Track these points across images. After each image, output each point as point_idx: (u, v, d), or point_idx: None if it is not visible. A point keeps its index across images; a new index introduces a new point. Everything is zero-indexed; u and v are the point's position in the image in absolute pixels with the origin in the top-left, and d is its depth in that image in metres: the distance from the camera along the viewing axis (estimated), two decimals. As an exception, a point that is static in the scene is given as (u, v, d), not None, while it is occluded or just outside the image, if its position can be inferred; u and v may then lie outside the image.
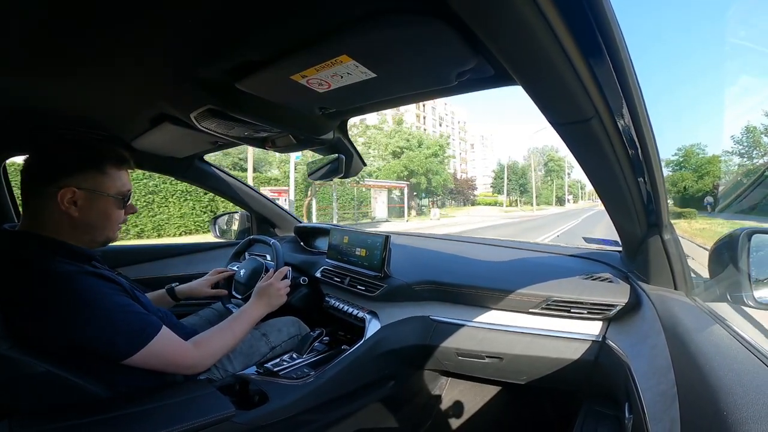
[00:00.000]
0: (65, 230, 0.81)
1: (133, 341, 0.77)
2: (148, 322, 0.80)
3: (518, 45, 0.47)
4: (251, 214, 2.01)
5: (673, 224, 0.92)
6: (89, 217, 0.82)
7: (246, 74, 0.72)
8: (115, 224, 0.89)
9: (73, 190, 0.79)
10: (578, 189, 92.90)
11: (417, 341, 1.23)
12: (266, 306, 1.12)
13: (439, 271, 1.28)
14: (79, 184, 0.80)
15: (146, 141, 1.24)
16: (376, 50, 0.61)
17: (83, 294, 0.74)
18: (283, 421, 0.97)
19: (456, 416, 1.52)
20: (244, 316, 1.05)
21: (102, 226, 0.85)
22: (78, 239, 0.83)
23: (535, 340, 1.09)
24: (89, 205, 0.82)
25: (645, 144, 0.68)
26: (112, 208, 0.86)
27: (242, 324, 1.03)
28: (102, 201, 0.83)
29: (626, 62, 0.52)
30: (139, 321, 0.79)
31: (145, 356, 0.78)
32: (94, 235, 0.86)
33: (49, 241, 0.80)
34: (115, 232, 0.90)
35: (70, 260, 0.79)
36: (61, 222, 0.80)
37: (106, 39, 0.63)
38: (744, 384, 0.47)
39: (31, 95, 0.90)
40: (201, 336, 0.93)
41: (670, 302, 0.84)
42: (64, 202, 0.78)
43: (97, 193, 0.82)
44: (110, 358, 0.76)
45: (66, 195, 0.78)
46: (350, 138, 1.23)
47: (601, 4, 0.43)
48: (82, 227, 0.83)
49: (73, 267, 0.77)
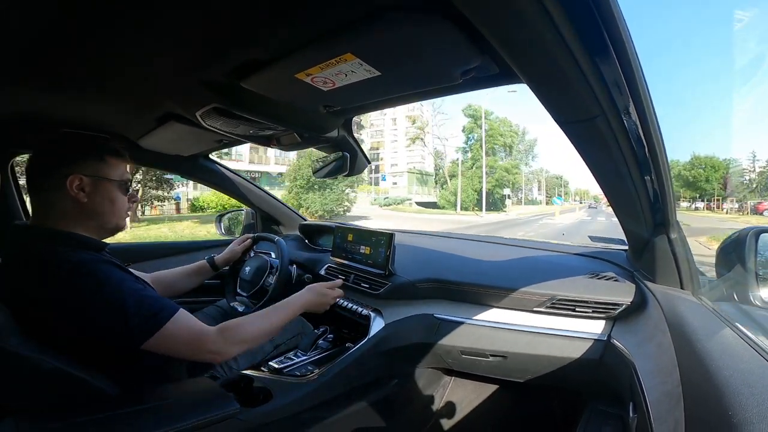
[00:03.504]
0: (76, 219, 0.83)
1: (149, 323, 0.77)
2: (164, 305, 0.81)
3: (523, 44, 0.47)
4: (256, 211, 2.02)
5: (679, 223, 0.92)
6: (96, 203, 0.84)
7: (251, 73, 0.73)
8: (122, 210, 0.90)
9: (80, 177, 0.81)
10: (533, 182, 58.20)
11: (421, 339, 1.23)
12: (309, 303, 1.07)
13: (443, 270, 1.28)
14: (83, 171, 0.82)
15: (152, 140, 1.26)
16: (380, 49, 0.61)
17: (97, 280, 0.76)
18: (286, 418, 0.97)
19: (459, 415, 1.52)
20: (284, 305, 1.02)
21: (110, 212, 0.88)
22: (88, 227, 0.85)
23: (539, 339, 1.08)
24: (96, 190, 0.84)
25: (652, 142, 0.67)
26: (117, 193, 0.88)
27: (280, 313, 0.99)
28: (107, 186, 0.86)
29: (633, 60, 0.51)
30: (154, 304, 0.80)
31: (163, 339, 0.78)
32: (103, 222, 0.87)
33: (60, 233, 0.81)
34: (123, 219, 0.92)
35: (81, 250, 0.81)
36: (71, 211, 0.82)
37: (113, 41, 0.64)
38: (750, 384, 0.46)
39: (40, 99, 0.91)
40: (230, 321, 0.91)
41: (677, 301, 0.84)
42: (72, 188, 0.80)
43: (101, 179, 0.85)
44: (128, 342, 0.77)
45: (74, 181, 0.81)
46: (354, 136, 1.23)
47: (608, 2, 0.43)
48: (91, 214, 0.85)
49: (88, 255, 0.79)
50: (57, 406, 0.73)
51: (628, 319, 1.00)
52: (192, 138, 1.26)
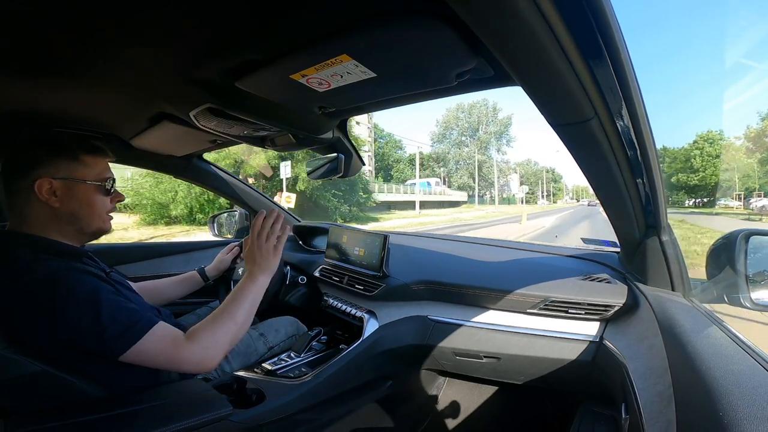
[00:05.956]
0: (51, 224, 0.80)
1: (124, 337, 0.73)
2: (139, 318, 0.76)
3: (518, 46, 0.47)
4: (250, 212, 2.01)
5: (671, 225, 0.93)
6: (71, 207, 0.80)
7: (246, 73, 0.72)
8: (102, 213, 0.86)
9: (49, 181, 0.77)
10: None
11: (415, 341, 1.23)
12: (260, 273, 0.91)
13: (437, 271, 1.28)
14: (53, 174, 0.78)
15: (145, 139, 1.24)
16: (376, 50, 0.61)
17: (70, 291, 0.72)
18: (280, 420, 0.97)
19: (453, 416, 1.52)
20: (239, 295, 0.88)
21: (88, 215, 0.83)
22: (65, 233, 0.81)
23: (532, 341, 1.09)
24: (69, 194, 0.80)
25: (644, 145, 0.68)
26: (95, 195, 0.83)
27: (240, 306, 0.86)
28: (81, 189, 0.81)
29: (626, 63, 0.52)
30: (129, 317, 0.75)
31: (139, 353, 0.74)
32: (81, 226, 0.83)
33: (36, 239, 0.78)
34: (105, 222, 0.87)
35: (57, 257, 0.77)
36: (45, 216, 0.79)
37: (105, 39, 0.63)
38: (740, 385, 0.47)
39: (29, 97, 0.89)
40: (195, 327, 0.83)
41: (668, 303, 0.85)
42: (42, 193, 0.77)
43: (74, 181, 0.80)
44: (103, 355, 0.73)
45: (43, 186, 0.77)
46: (349, 137, 1.22)
47: (602, 6, 0.43)
48: (67, 218, 0.81)
49: (61, 264, 0.75)
50: (44, 408, 0.72)
51: (620, 320, 1.00)
52: (185, 138, 1.25)
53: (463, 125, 40.73)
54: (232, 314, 0.85)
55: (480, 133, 40.01)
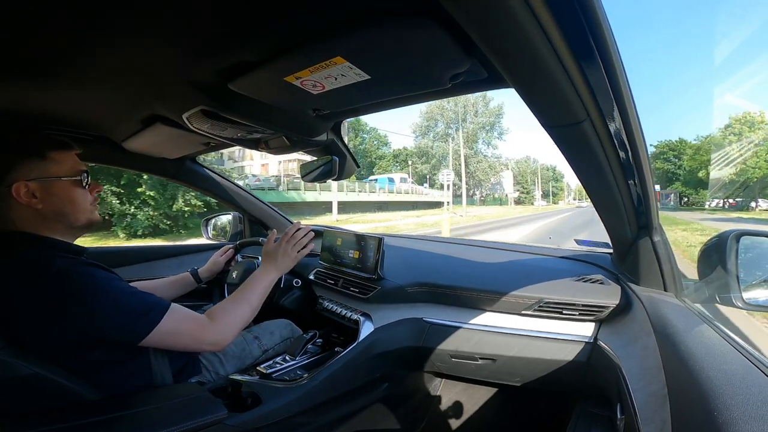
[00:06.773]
0: (41, 225, 0.80)
1: (143, 321, 0.77)
2: (155, 302, 0.80)
3: (511, 48, 0.47)
4: (243, 215, 2.00)
5: (662, 226, 0.93)
6: (55, 205, 0.81)
7: (239, 75, 0.72)
8: (85, 205, 0.86)
9: (25, 184, 0.77)
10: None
11: (410, 343, 1.23)
12: (275, 270, 1.06)
13: (432, 273, 1.28)
14: (26, 176, 0.77)
15: (137, 142, 1.23)
16: (370, 52, 0.61)
17: (85, 284, 0.74)
18: (275, 423, 0.96)
19: (450, 418, 1.52)
20: (254, 283, 1.00)
21: (73, 211, 0.84)
22: (58, 230, 0.82)
23: (527, 342, 1.09)
24: (48, 193, 0.80)
25: (635, 146, 0.69)
26: (73, 190, 0.84)
27: (255, 292, 0.99)
28: (58, 186, 0.81)
29: (617, 65, 0.52)
30: (145, 302, 0.79)
31: (160, 335, 0.78)
32: (71, 222, 0.84)
33: (37, 238, 0.79)
34: (93, 213, 0.89)
35: (63, 254, 0.79)
36: (32, 218, 0.79)
37: (96, 39, 0.63)
38: (733, 384, 0.47)
39: (19, 98, 0.88)
40: (214, 308, 0.91)
41: (660, 304, 0.85)
42: (21, 197, 0.76)
43: (49, 180, 0.80)
44: (125, 342, 0.77)
45: (20, 190, 0.76)
46: (344, 140, 1.22)
47: (593, 8, 0.43)
48: (54, 217, 0.81)
49: (68, 260, 0.77)
50: (37, 411, 0.71)
51: (613, 321, 1.01)
52: (178, 140, 1.24)
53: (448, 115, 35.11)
54: (249, 299, 0.97)
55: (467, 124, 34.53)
